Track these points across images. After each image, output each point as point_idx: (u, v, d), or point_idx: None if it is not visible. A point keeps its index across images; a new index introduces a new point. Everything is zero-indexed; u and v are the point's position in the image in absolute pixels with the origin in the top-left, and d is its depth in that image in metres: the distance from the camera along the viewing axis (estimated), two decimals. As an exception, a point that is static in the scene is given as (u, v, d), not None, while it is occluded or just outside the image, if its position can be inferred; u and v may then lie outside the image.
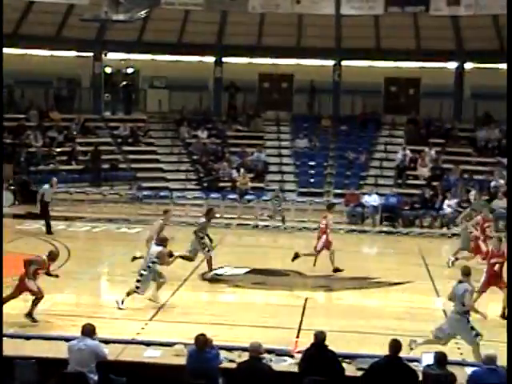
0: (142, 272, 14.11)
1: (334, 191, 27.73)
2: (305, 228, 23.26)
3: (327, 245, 17.60)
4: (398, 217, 24.54)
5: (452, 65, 31.33)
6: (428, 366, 9.64)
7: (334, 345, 10.22)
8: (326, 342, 10.01)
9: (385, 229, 24.11)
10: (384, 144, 30.45)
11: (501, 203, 24.25)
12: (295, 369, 10.39)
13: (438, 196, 25.17)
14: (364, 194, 25.51)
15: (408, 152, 28.56)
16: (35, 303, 12.94)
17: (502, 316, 13.74)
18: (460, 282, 11.71)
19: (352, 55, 31.20)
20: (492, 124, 29.90)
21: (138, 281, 14.03)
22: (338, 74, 31.42)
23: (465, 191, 25.45)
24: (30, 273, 12.98)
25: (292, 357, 11.04)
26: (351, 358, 10.94)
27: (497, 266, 14.49)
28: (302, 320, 13.60)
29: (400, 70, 31.97)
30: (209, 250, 17.06)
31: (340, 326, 12.91)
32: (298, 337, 12.40)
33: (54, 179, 22.38)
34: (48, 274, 13.46)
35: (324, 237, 17.64)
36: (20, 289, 13.05)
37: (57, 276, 13.72)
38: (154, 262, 14.13)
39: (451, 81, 31.26)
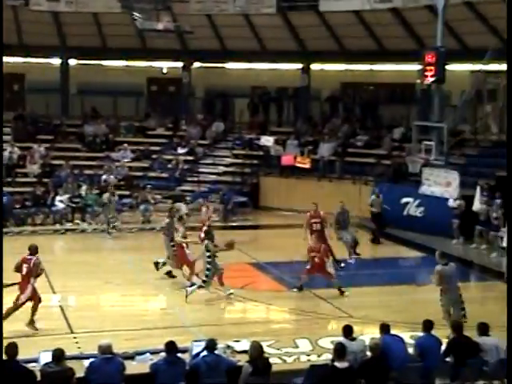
0: (208, 266, 15.31)
1: None
2: None
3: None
4: (9, 216, 23.91)
5: (56, 61, 31.32)
6: (45, 364, 9.57)
7: None
8: None
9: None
10: (-9, 142, 29.37)
11: (106, 196, 24.26)
12: None
13: (50, 192, 25.12)
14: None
15: (16, 149, 27.85)
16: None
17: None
18: None
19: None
20: (99, 119, 30.57)
21: (206, 276, 15.29)
22: None
23: (76, 186, 25.74)
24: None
25: None
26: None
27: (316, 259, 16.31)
28: None
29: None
30: None
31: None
32: None
33: None
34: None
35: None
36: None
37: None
38: (209, 257, 15.29)
39: (57, 77, 31.26)
